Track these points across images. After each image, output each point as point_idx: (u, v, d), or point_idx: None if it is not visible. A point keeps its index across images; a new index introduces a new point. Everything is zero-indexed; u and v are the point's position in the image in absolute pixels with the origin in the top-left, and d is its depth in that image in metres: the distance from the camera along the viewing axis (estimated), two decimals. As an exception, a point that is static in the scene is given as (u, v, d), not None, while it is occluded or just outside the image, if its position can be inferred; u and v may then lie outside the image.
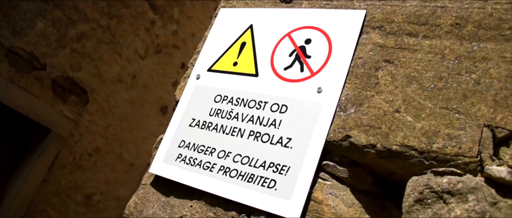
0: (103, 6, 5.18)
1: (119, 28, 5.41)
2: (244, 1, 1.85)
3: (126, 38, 5.53)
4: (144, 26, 5.75)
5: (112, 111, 5.48)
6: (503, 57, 1.27)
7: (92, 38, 5.10)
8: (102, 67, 5.25)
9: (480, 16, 1.36)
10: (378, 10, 1.52)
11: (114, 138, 5.52)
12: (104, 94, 5.32)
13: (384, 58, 1.42)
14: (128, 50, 5.59)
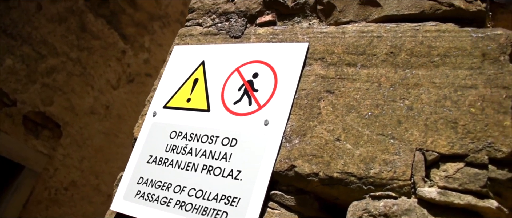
0: (72, 39, 5.22)
1: (90, 60, 5.44)
2: (197, 38, 1.92)
3: (98, 69, 5.57)
4: (115, 56, 5.79)
5: (87, 143, 5.48)
6: (433, 82, 1.35)
7: (63, 71, 5.13)
8: (74, 100, 5.27)
9: (412, 44, 1.44)
10: (320, 42, 1.60)
11: (90, 170, 5.52)
12: (77, 126, 5.33)
13: (325, 89, 1.49)
14: (100, 81, 5.62)
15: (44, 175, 4.96)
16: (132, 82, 6.03)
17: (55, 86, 5.05)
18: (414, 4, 1.53)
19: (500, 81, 1.28)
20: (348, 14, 1.65)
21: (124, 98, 5.92)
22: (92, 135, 5.53)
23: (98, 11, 5.53)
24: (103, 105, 5.68)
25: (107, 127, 5.74)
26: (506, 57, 1.31)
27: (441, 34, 1.43)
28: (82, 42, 5.35)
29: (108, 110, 5.76)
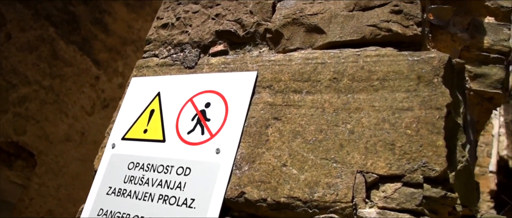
0: (44, 67, 5.23)
1: (63, 87, 5.45)
2: (153, 69, 1.97)
3: (71, 96, 5.57)
4: (88, 83, 5.81)
5: (63, 171, 5.47)
6: (373, 106, 1.41)
7: (35, 100, 5.13)
8: (48, 128, 5.27)
9: (354, 69, 1.51)
10: (268, 70, 1.66)
11: (67, 198, 5.50)
12: (52, 155, 5.32)
13: (273, 116, 1.55)
14: (74, 108, 5.62)
15: (19, 206, 4.94)
16: (107, 107, 6.04)
17: (27, 115, 5.05)
18: (355, 30, 1.60)
19: (433, 102, 1.34)
20: (295, 42, 1.71)
21: (99, 123, 5.92)
22: (68, 163, 5.52)
23: (69, 38, 5.55)
24: (78, 131, 5.68)
25: (83, 153, 5.73)
26: (439, 79, 1.38)
27: (381, 58, 1.49)
28: (55, 70, 5.36)
29: (83, 136, 5.76)
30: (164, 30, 2.06)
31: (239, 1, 1.93)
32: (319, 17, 1.69)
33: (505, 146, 11.39)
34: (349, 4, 1.67)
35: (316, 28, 1.68)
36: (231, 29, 1.87)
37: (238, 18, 1.88)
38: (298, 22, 1.73)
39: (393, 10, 1.56)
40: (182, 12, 2.05)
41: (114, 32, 6.14)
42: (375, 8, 1.61)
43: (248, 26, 1.84)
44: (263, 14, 1.84)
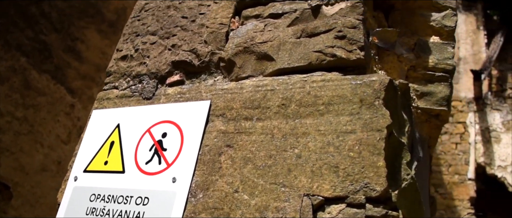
0: (16, 98, 5.22)
1: (37, 117, 5.44)
2: (113, 101, 2.01)
3: (46, 126, 5.56)
4: (63, 111, 5.80)
5: (40, 201, 5.44)
6: (319, 130, 1.47)
7: (9, 131, 5.11)
8: (23, 159, 5.25)
9: (301, 95, 1.57)
10: (221, 99, 1.71)
11: (44, 228, 5.47)
12: (28, 186, 5.30)
13: (226, 143, 1.60)
14: (50, 138, 5.61)
15: (-4, 240, 4.90)
16: (83, 135, 6.02)
17: (1, 147, 5.03)
18: (303, 57, 1.67)
19: (375, 125, 1.41)
20: (247, 70, 1.77)
21: (75, 151, 5.89)
22: (45, 193, 5.49)
23: (41, 67, 5.55)
24: (55, 161, 5.66)
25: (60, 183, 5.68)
26: (380, 101, 1.44)
27: (326, 83, 1.56)
28: (28, 100, 5.36)
29: (60, 165, 5.73)
30: (124, 62, 2.11)
31: (194, 31, 1.99)
32: (268, 45, 1.75)
33: (481, 153, 11.58)
34: (296, 31, 1.74)
35: (266, 55, 1.74)
36: (187, 59, 1.92)
37: (193, 48, 1.93)
38: (249, 51, 1.79)
39: (337, 36, 1.63)
40: (140, 43, 2.10)
41: (87, 60, 6.16)
42: (320, 34, 1.68)
43: (203, 55, 1.90)
44: (217, 43, 1.90)
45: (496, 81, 12.39)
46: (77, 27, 5.96)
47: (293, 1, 1.84)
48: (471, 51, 12.65)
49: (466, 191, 11.90)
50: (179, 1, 2.14)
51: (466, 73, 12.13)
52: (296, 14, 1.79)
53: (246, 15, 1.92)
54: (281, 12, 1.83)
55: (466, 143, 12.09)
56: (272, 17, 1.84)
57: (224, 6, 2.00)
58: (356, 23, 1.64)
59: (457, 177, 12.05)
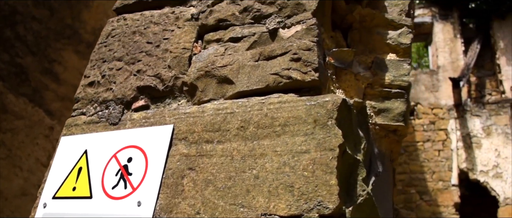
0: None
1: (15, 141, 5.44)
2: (81, 127, 2.05)
3: (25, 150, 5.56)
4: (42, 134, 5.81)
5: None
6: (275, 151, 1.52)
7: (-13, 157, 5.11)
8: (2, 184, 5.24)
9: (259, 117, 1.62)
10: (183, 123, 1.76)
11: (26, 253, 5.43)
12: (8, 211, 5.28)
13: (188, 166, 1.64)
14: (29, 161, 5.60)
15: (-24, 266, 4.87)
16: (63, 157, 6.01)
17: (-21, 173, 5.02)
18: (261, 79, 1.72)
19: (327, 144, 1.46)
20: (208, 93, 1.82)
21: (56, 173, 5.88)
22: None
23: (18, 90, 5.56)
24: (35, 185, 5.64)
25: (41, 205, 5.67)
26: (333, 121, 1.50)
27: (282, 105, 1.61)
28: (5, 124, 5.36)
29: (40, 188, 5.72)
30: (91, 88, 2.15)
31: (158, 56, 2.04)
32: (228, 69, 1.81)
33: (464, 159, 11.72)
34: (255, 54, 1.80)
35: (226, 79, 1.80)
36: (151, 84, 1.97)
37: (158, 73, 1.98)
38: (210, 74, 1.84)
39: (293, 58, 1.69)
40: (107, 69, 2.15)
41: (65, 81, 6.17)
42: (277, 57, 1.74)
43: (167, 80, 1.95)
44: (180, 68, 1.95)
45: (475, 88, 12.58)
46: (54, 48, 5.98)
47: (252, 25, 1.90)
48: (449, 59, 12.86)
49: (450, 197, 12.03)
50: (144, 26, 2.19)
51: (446, 81, 12.32)
52: (254, 38, 1.85)
53: (208, 39, 1.98)
54: (240, 35, 1.89)
55: (449, 149, 12.25)
56: (232, 41, 1.90)
57: (187, 30, 2.06)
58: (311, 45, 1.70)
59: (441, 184, 12.18)
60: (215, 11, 2.03)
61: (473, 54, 12.37)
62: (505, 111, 11.60)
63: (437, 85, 12.87)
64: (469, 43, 13.05)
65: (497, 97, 12.06)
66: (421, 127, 12.59)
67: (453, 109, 12.32)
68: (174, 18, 2.16)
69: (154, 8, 2.28)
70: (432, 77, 13.03)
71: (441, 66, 13.05)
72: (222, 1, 2.06)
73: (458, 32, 13.28)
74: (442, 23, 13.64)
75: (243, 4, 1.97)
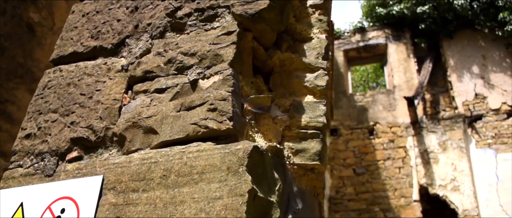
0: None
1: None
2: (18, 180, 2.14)
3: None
4: None
5: None
6: (193, 198, 1.65)
7: None
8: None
9: (179, 165, 1.75)
10: (112, 173, 1.88)
11: None
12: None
13: (116, 215, 1.75)
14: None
15: None
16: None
17: None
18: (181, 129, 1.85)
19: (238, 190, 1.60)
20: (136, 143, 1.94)
21: None
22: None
23: (-29, 133, 5.55)
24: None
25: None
26: (243, 168, 1.64)
27: (200, 153, 1.75)
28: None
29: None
30: (28, 140, 2.24)
31: (91, 107, 2.15)
32: (153, 119, 1.94)
33: (423, 174, 12.04)
34: (177, 105, 1.93)
35: (151, 129, 1.92)
36: (84, 136, 2.08)
37: (90, 124, 2.09)
38: (137, 125, 1.97)
39: (210, 108, 1.83)
40: (43, 121, 2.25)
41: (19, 121, 6.16)
42: (196, 107, 1.88)
43: (99, 131, 2.06)
44: (111, 119, 2.07)
45: (430, 105, 12.97)
46: (6, 88, 6.00)
47: (175, 76, 2.04)
48: (404, 78, 13.24)
49: (412, 212, 12.29)
50: (78, 78, 2.31)
51: (402, 99, 12.68)
52: (177, 89, 1.98)
53: (136, 90, 2.11)
54: (165, 87, 2.02)
55: (408, 166, 12.55)
56: (157, 92, 2.03)
57: (117, 82, 2.18)
58: (226, 95, 1.84)
59: (403, 200, 12.45)
60: (143, 62, 2.16)
61: (426, 73, 12.80)
62: (458, 126, 12.00)
63: (394, 104, 13.23)
64: (422, 62, 13.51)
65: (450, 113, 12.47)
66: (381, 146, 12.90)
67: (410, 127, 12.68)
68: (106, 69, 2.28)
69: (88, 59, 2.40)
70: (389, 96, 13.40)
71: (397, 85, 13.45)
72: (149, 52, 2.20)
73: (411, 52, 13.74)
74: (396, 44, 14.09)
75: (168, 56, 2.11)
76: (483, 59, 12.83)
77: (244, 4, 2.11)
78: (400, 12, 13.66)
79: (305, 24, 2.42)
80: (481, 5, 12.55)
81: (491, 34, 12.84)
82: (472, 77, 12.71)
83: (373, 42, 14.49)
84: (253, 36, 2.17)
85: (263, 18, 2.08)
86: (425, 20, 13.27)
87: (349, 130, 13.30)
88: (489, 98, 12.28)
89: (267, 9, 2.07)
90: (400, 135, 12.83)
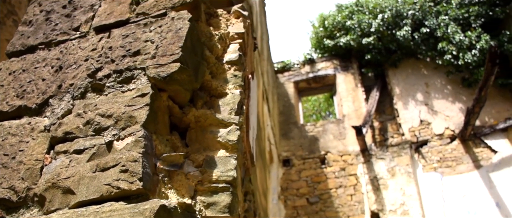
0: None
1: None
2: None
3: None
4: None
5: None
6: (103, 257, 1.77)
7: None
8: None
9: (92, 225, 1.86)
10: (30, 233, 1.98)
11: None
12: None
13: None
14: None
15: None
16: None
17: None
18: (96, 190, 1.98)
19: (144, 248, 1.73)
20: (55, 203, 2.05)
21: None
22: None
23: None
24: None
25: None
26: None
27: (113, 213, 1.87)
28: None
29: None
30: (-48, 201, 2.32)
31: (13, 168, 2.25)
32: (71, 180, 2.05)
33: (374, 201, 12.34)
34: (93, 166, 2.06)
35: (69, 190, 2.04)
36: (6, 197, 2.17)
37: (12, 185, 2.19)
38: (56, 186, 2.08)
39: (122, 170, 1.97)
40: (-32, 182, 2.33)
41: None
42: (110, 169, 2.01)
43: (20, 191, 2.16)
44: (33, 179, 2.18)
45: (379, 132, 13.36)
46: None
47: (93, 137, 2.17)
48: (353, 108, 13.62)
49: (366, 239, 12.53)
50: (3, 138, 2.41)
51: (351, 128, 13.02)
52: (94, 150, 2.11)
53: (57, 151, 2.22)
54: (83, 148, 2.15)
55: (360, 193, 12.84)
56: (76, 153, 2.15)
57: (40, 142, 2.29)
58: (137, 157, 1.98)
59: (357, 227, 12.68)
60: (64, 123, 2.28)
61: (373, 102, 13.22)
62: (405, 152, 12.40)
63: (344, 133, 13.58)
64: (370, 91, 13.96)
65: (398, 139, 12.87)
66: (333, 174, 13.16)
67: (360, 155, 13.01)
68: (30, 129, 2.39)
69: (14, 118, 2.51)
70: (339, 125, 13.75)
71: (346, 114, 13.82)
72: (70, 113, 2.32)
73: (359, 82, 14.19)
74: (344, 74, 14.53)
75: (87, 117, 2.24)
76: (426, 86, 13.37)
77: (158, 67, 2.27)
78: (347, 43, 14.12)
79: (221, 80, 2.59)
80: (422, 35, 13.13)
81: (432, 63, 13.43)
82: (417, 104, 13.20)
83: (322, 73, 14.90)
84: (169, 95, 2.33)
85: (175, 80, 2.25)
86: (371, 51, 13.76)
87: (301, 160, 13.53)
88: (433, 124, 12.76)
89: (179, 71, 2.24)
90: (350, 163, 13.14)
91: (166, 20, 2.54)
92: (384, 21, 13.48)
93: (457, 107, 12.77)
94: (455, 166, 11.97)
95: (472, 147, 12.09)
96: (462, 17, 12.77)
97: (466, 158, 11.99)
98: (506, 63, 12.79)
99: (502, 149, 11.75)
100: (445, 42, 12.58)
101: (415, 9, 13.39)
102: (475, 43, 12.16)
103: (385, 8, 13.70)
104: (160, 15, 2.62)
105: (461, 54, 12.21)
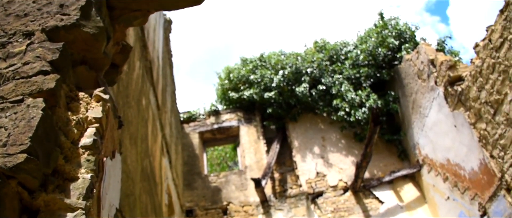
0: None
1: None
2: None
3: None
4: None
5: None
6: None
7: None
8: None
9: None
10: None
11: None
12: None
13: None
14: None
15: None
16: None
17: None
18: None
19: None
20: None
21: None
22: None
23: None
24: None
25: None
26: None
27: None
28: None
29: None
30: None
31: None
32: None
33: (272, 252, 12.60)
34: None
35: None
36: None
37: None
38: None
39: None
40: None
41: None
42: None
43: None
44: None
45: (279, 183, 13.80)
46: None
47: None
48: (254, 159, 14.02)
49: None
50: None
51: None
52: None
53: None
54: None
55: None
56: None
57: None
58: (-26, 247, 2.13)
59: None
60: None
61: (274, 154, 13.70)
62: (302, 203, 12.88)
63: (246, 184, 13.91)
64: (271, 143, 14.46)
65: (296, 191, 13.36)
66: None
67: (260, 205, 13.35)
68: None
69: None
70: (241, 176, 14.07)
71: (248, 165, 14.20)
72: None
73: (261, 134, 14.69)
74: (247, 126, 14.99)
75: None
76: (323, 140, 14.08)
77: (6, 156, 2.43)
78: (250, 96, 14.63)
79: (75, 164, 2.79)
80: (319, 92, 13.91)
81: (328, 118, 14.21)
82: (314, 157, 13.83)
83: (226, 124, 15.28)
84: (18, 181, 2.49)
85: (22, 169, 2.42)
86: (272, 105, 14.34)
87: (204, 210, 13.65)
88: (328, 176, 13.41)
89: (25, 162, 2.42)
90: (251, 214, 13.42)
91: (22, 106, 2.71)
92: (285, 77, 14.16)
93: (350, 160, 13.53)
94: (347, 216, 12.58)
95: (363, 198, 12.81)
96: (354, 77, 13.70)
97: (357, 209, 12.66)
98: (392, 120, 13.83)
99: (388, 199, 12.58)
100: (339, 99, 13.40)
101: (313, 67, 14.20)
102: (365, 101, 13.06)
103: (286, 64, 14.42)
104: (17, 101, 2.77)
105: (353, 111, 13.05)
